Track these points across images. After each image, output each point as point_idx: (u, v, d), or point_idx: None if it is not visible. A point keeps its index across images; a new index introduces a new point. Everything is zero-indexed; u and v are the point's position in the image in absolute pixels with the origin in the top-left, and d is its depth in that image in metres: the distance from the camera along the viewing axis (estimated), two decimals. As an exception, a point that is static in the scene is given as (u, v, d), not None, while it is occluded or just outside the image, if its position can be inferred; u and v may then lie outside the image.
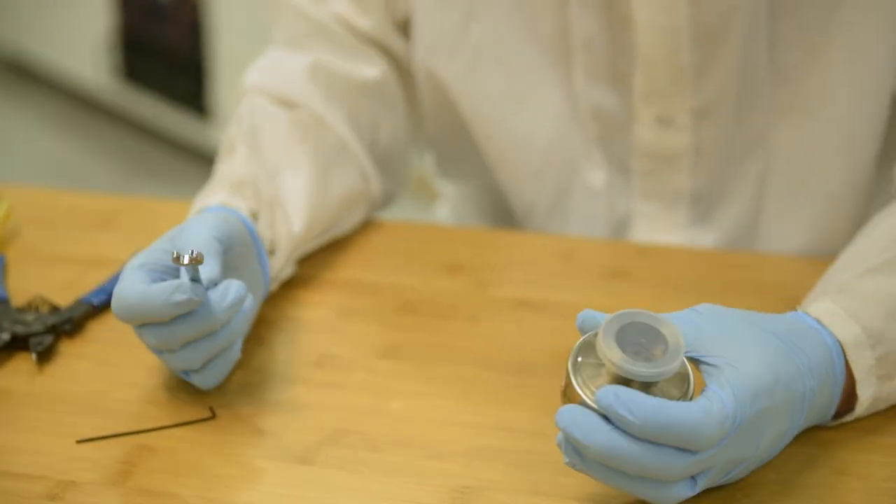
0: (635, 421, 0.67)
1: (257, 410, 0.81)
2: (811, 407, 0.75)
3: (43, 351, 0.87)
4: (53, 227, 1.06)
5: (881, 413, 0.80)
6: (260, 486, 0.75)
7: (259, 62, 1.07)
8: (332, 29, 1.05)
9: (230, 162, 0.96)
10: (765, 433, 0.71)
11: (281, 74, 1.04)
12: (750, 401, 0.70)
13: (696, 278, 0.98)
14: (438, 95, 1.06)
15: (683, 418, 0.67)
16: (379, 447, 0.78)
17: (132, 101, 3.28)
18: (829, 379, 0.75)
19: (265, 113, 1.01)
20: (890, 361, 0.78)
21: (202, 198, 0.91)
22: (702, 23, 0.96)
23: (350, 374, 0.86)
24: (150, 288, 0.78)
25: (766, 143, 1.01)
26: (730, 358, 0.71)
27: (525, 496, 0.74)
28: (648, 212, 1.05)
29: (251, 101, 1.03)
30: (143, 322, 0.79)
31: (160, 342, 0.79)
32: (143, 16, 3.16)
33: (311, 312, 0.93)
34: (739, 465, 0.72)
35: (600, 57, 1.00)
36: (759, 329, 0.74)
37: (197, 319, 0.78)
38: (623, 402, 0.67)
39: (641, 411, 0.67)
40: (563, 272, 1.00)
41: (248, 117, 1.01)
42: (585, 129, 1.04)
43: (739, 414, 0.69)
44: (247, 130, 0.99)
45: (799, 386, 0.73)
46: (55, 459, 0.77)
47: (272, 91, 1.03)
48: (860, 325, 0.77)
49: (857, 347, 0.77)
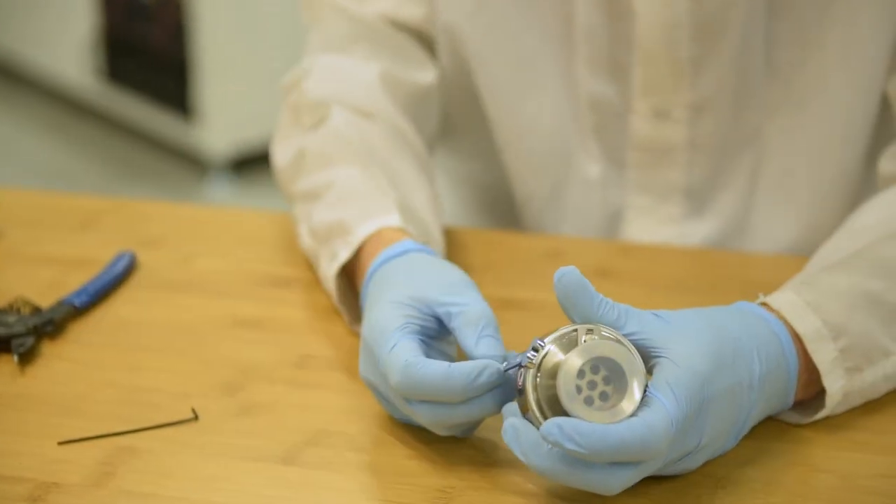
0: (583, 451, 0.67)
1: (239, 411, 0.81)
2: (766, 394, 0.75)
3: (24, 352, 0.86)
4: (36, 228, 1.05)
5: (859, 410, 0.81)
6: (242, 487, 0.75)
7: (317, 71, 1.02)
8: (379, 29, 1.03)
9: (368, 180, 0.91)
10: (707, 423, 0.72)
11: (355, 84, 1.01)
12: (689, 399, 0.70)
13: (683, 277, 0.99)
14: (458, 61, 1.04)
15: (628, 438, 0.67)
16: (361, 447, 0.78)
17: (116, 101, 3.27)
18: (781, 363, 0.76)
19: (365, 127, 0.97)
20: (857, 353, 0.78)
21: (363, 218, 0.86)
22: (701, 18, 0.97)
23: (332, 374, 0.86)
24: (453, 369, 0.72)
25: (759, 137, 1.02)
26: (672, 353, 0.71)
27: (507, 496, 0.74)
28: (642, 204, 1.05)
29: (344, 115, 0.98)
30: (429, 399, 0.74)
31: (437, 420, 0.74)
32: (127, 16, 3.16)
33: (293, 313, 0.93)
34: (684, 456, 0.72)
35: (601, 48, 1.01)
36: (707, 321, 0.74)
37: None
38: (567, 435, 0.67)
39: (587, 441, 0.67)
40: (549, 271, 1.00)
41: (355, 132, 0.96)
42: (583, 120, 1.04)
43: (681, 415, 0.69)
44: (364, 147, 0.95)
45: (744, 373, 0.73)
46: (37, 461, 0.77)
47: (352, 103, 0.99)
48: (821, 317, 0.78)
49: (818, 340, 0.77)
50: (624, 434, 0.67)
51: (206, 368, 0.86)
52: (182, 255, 1.01)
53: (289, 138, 1.01)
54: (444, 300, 0.77)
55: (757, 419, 0.77)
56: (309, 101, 1.00)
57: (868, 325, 0.79)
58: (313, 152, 0.96)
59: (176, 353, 0.88)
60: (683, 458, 0.73)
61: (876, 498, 0.74)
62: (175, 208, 1.15)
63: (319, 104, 0.99)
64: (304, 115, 1.00)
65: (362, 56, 1.03)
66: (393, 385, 0.74)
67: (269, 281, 0.97)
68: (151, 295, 0.96)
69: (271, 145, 1.05)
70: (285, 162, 1.00)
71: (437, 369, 0.72)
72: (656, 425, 0.68)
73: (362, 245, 0.87)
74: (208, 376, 0.85)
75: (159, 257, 1.01)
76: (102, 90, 3.28)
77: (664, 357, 0.71)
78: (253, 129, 3.06)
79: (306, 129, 0.99)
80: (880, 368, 0.80)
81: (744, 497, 0.74)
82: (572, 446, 0.67)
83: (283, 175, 1.01)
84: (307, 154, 0.97)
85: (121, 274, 0.97)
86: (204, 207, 1.83)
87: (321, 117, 0.98)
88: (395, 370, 0.73)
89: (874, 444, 0.78)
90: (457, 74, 1.06)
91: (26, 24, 3.46)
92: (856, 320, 0.79)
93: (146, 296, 0.95)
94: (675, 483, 0.74)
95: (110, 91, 3.26)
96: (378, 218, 0.87)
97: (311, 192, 0.95)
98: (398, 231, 0.87)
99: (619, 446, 0.67)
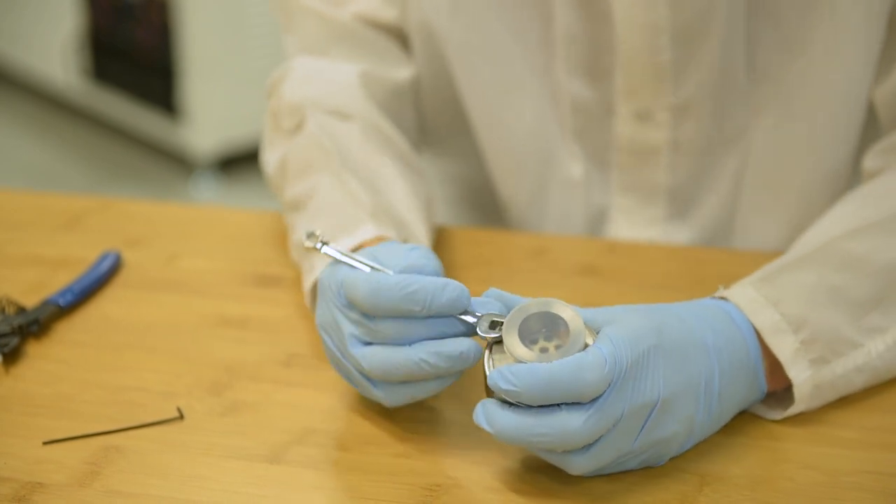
0: (515, 389, 0.70)
1: (225, 410, 0.81)
2: (726, 364, 0.76)
3: (9, 352, 0.86)
4: (21, 228, 1.05)
5: (842, 408, 0.81)
6: (228, 486, 0.75)
7: (294, 74, 1.03)
8: (356, 30, 1.03)
9: (341, 189, 0.91)
10: (660, 373, 0.73)
11: (333, 87, 1.01)
12: (629, 343, 0.72)
13: (667, 275, 0.99)
14: (438, 61, 1.04)
15: (557, 371, 0.70)
16: (348, 446, 0.78)
17: (101, 101, 3.27)
18: (736, 338, 0.77)
19: (341, 131, 0.97)
20: (820, 345, 0.79)
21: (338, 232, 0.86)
22: (681, 21, 0.97)
23: (318, 373, 0.85)
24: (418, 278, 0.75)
25: (743, 139, 1.02)
26: (616, 319, 0.74)
27: (494, 493, 0.74)
28: (625, 206, 1.06)
29: (318, 119, 0.98)
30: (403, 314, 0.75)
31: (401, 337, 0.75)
32: (112, 16, 3.15)
33: (280, 312, 0.93)
34: (649, 411, 0.73)
35: (581, 51, 1.01)
36: (652, 306, 0.77)
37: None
38: (504, 376, 0.71)
39: (519, 379, 0.70)
40: (534, 269, 1.00)
41: (328, 138, 0.96)
42: (564, 122, 1.04)
43: (619, 355, 0.71)
44: (337, 153, 0.94)
45: (694, 336, 0.75)
46: (22, 461, 0.76)
47: (329, 106, 0.99)
48: (779, 311, 0.79)
49: (777, 333, 0.78)
50: (553, 368, 0.70)
51: (191, 367, 0.86)
52: (168, 255, 1.01)
53: (273, 144, 1.02)
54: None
55: (731, 400, 0.77)
56: (286, 104, 1.00)
57: (831, 317, 0.80)
58: (292, 160, 0.97)
59: (161, 353, 0.88)
60: (648, 415, 0.73)
61: (860, 493, 0.74)
62: (160, 207, 1.15)
63: (297, 108, 0.99)
64: (283, 119, 1.00)
65: (340, 57, 1.03)
66: (360, 299, 0.75)
67: (255, 280, 0.97)
68: (137, 294, 0.95)
69: (260, 152, 1.05)
70: (272, 170, 1.01)
71: (401, 277, 0.75)
72: (587, 360, 0.71)
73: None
74: (194, 375, 0.85)
75: (145, 256, 1.00)
76: (88, 90, 3.28)
77: (607, 325, 0.74)
78: (238, 129, 3.06)
79: (287, 135, 1.00)
80: (850, 360, 0.80)
81: (729, 494, 0.74)
82: (508, 386, 0.70)
83: (273, 183, 1.01)
84: (288, 162, 0.97)
85: (106, 273, 0.96)
86: (189, 207, 1.82)
87: (299, 122, 0.99)
88: (361, 283, 0.75)
89: (858, 441, 0.79)
90: (437, 75, 1.06)
91: (11, 24, 3.45)
92: (817, 313, 0.80)
93: (131, 295, 0.95)
94: (661, 480, 0.75)
95: (96, 91, 3.26)
96: (351, 233, 0.86)
97: (294, 202, 0.95)
98: (374, 239, 0.86)
99: (549, 379, 0.70)
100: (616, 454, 0.73)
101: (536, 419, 0.71)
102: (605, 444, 0.72)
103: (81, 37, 3.23)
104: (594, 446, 0.72)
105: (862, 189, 0.94)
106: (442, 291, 0.74)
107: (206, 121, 3.04)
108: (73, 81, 3.29)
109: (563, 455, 0.72)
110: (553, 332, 0.73)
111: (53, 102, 3.47)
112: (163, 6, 3.01)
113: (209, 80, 3.02)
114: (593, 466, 0.73)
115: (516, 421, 0.71)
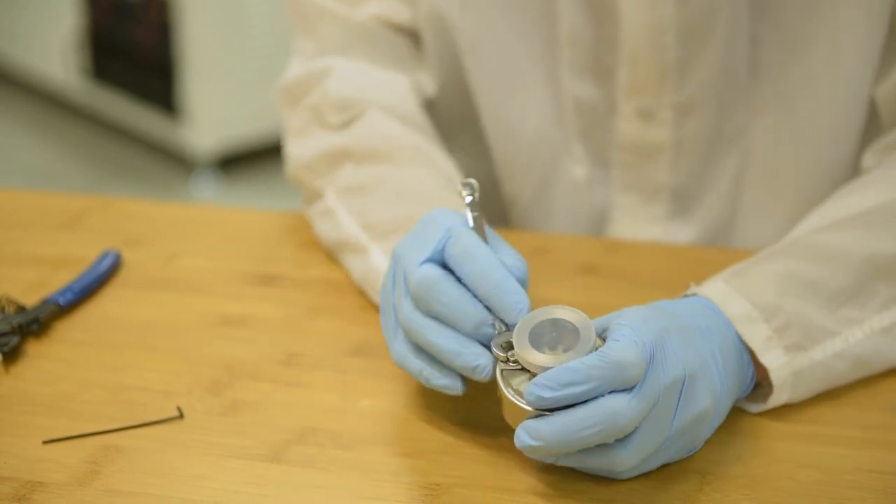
0: (561, 390, 0.69)
1: (225, 409, 0.81)
2: (720, 347, 0.76)
3: (9, 351, 0.86)
4: (20, 228, 1.05)
5: (841, 407, 0.81)
6: (228, 485, 0.75)
7: (338, 73, 1.02)
8: (374, 31, 1.03)
9: (433, 177, 0.94)
10: (677, 349, 0.73)
11: (388, 91, 1.02)
12: (644, 326, 0.72)
13: (667, 274, 0.99)
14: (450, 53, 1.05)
15: (595, 361, 0.70)
16: (347, 445, 0.78)
17: (101, 100, 3.27)
18: (719, 323, 0.78)
19: (402, 129, 0.99)
20: (795, 332, 0.79)
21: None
22: (687, 19, 0.97)
23: (318, 372, 0.86)
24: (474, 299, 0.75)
25: (744, 138, 1.02)
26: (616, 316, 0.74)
27: (494, 493, 0.74)
28: (627, 205, 1.06)
29: (381, 116, 0.99)
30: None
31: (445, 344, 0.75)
32: (112, 15, 3.15)
33: (279, 311, 0.93)
34: (681, 387, 0.73)
35: (585, 49, 1.01)
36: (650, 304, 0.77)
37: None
38: (542, 385, 0.70)
39: (558, 380, 0.70)
40: (534, 268, 1.00)
41: (396, 130, 0.98)
42: (568, 122, 1.05)
43: (644, 337, 0.71)
44: (415, 147, 0.97)
45: (689, 320, 0.76)
46: (21, 460, 0.76)
47: (384, 104, 1.00)
48: (750, 301, 0.79)
49: (748, 322, 0.79)
50: (588, 361, 0.70)
51: (191, 367, 0.86)
52: (167, 254, 1.01)
53: (309, 137, 1.02)
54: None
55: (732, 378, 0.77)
56: (334, 100, 1.01)
57: (804, 307, 0.80)
58: (353, 148, 0.98)
59: (161, 352, 0.88)
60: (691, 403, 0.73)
61: (860, 492, 0.74)
62: (160, 207, 1.15)
63: (349, 104, 1.00)
64: (328, 114, 1.01)
65: (362, 58, 1.03)
66: (414, 283, 0.75)
67: (254, 279, 0.97)
68: (137, 293, 0.95)
69: (284, 145, 1.05)
70: (308, 158, 1.01)
71: (461, 289, 0.74)
72: (618, 345, 0.70)
73: None
74: (194, 375, 0.85)
75: (144, 256, 1.00)
76: (88, 89, 3.28)
77: (611, 322, 0.74)
78: (238, 128, 3.06)
79: (335, 128, 1.00)
80: (829, 347, 0.81)
81: (729, 493, 0.74)
82: (551, 393, 0.70)
83: (308, 171, 1.01)
84: (348, 150, 0.98)
85: (106, 272, 0.96)
86: (189, 206, 1.82)
87: (352, 116, 1.00)
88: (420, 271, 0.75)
89: (858, 440, 0.79)
90: (449, 70, 1.06)
91: (11, 23, 3.45)
92: (790, 302, 0.80)
93: (131, 294, 0.95)
94: (661, 479, 0.75)
95: (96, 90, 3.26)
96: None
97: (357, 186, 0.96)
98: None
99: (588, 372, 0.69)
100: (658, 438, 0.72)
101: (582, 413, 0.70)
102: (646, 430, 0.72)
103: (81, 36, 3.23)
104: (636, 435, 0.71)
105: (844, 186, 0.94)
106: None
107: (205, 120, 3.04)
108: (73, 81, 3.29)
109: (608, 454, 0.71)
110: (560, 337, 0.73)
111: (53, 102, 3.47)
112: (163, 5, 3.01)
113: (209, 79, 3.02)
114: (638, 457, 0.72)
115: (562, 423, 0.70)
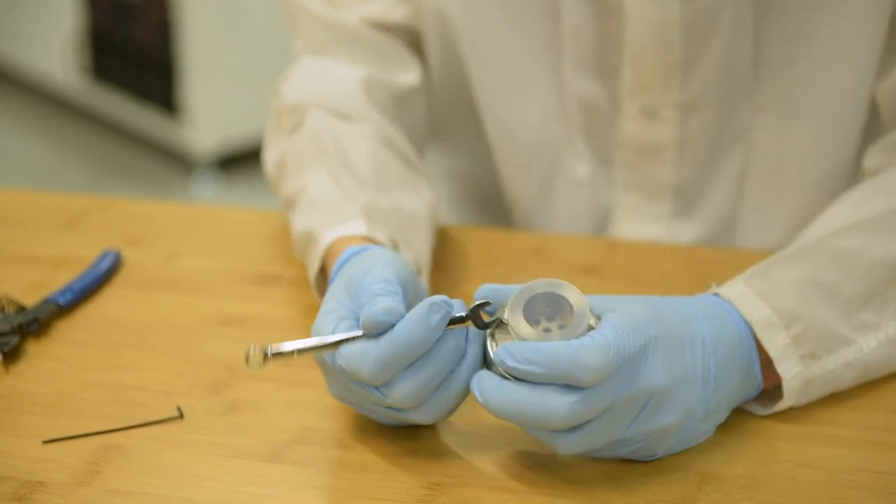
0: (521, 365, 0.71)
1: (225, 409, 0.81)
2: (722, 357, 0.76)
3: (9, 351, 0.86)
4: (21, 227, 1.05)
5: (841, 407, 0.81)
6: (228, 485, 0.75)
7: (296, 75, 1.03)
8: (359, 34, 1.03)
9: (337, 185, 0.91)
10: (659, 363, 0.73)
11: (335, 88, 1.01)
12: (630, 331, 0.72)
13: (667, 273, 0.99)
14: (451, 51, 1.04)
15: (561, 351, 0.71)
16: (347, 445, 0.78)
17: (101, 100, 3.27)
18: (731, 329, 0.77)
19: (341, 131, 0.97)
20: (811, 340, 0.79)
21: (328, 225, 0.87)
22: (692, 18, 0.97)
23: (317, 372, 0.85)
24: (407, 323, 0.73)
25: (747, 136, 1.03)
26: (616, 308, 0.74)
27: (494, 492, 0.74)
28: (631, 203, 1.06)
29: (318, 118, 0.98)
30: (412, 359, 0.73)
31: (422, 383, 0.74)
32: (112, 15, 3.15)
33: (278, 311, 0.93)
34: (645, 401, 0.73)
35: (588, 48, 1.01)
36: (655, 297, 0.77)
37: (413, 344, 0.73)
38: (510, 352, 0.72)
39: (524, 355, 0.71)
40: (534, 268, 1.00)
41: (327, 136, 0.96)
42: (571, 120, 1.04)
43: (622, 343, 0.71)
44: (334, 149, 0.95)
45: (691, 329, 0.75)
46: (22, 460, 0.76)
47: (330, 106, 0.99)
48: (770, 305, 0.79)
49: (769, 327, 0.79)
50: (557, 349, 0.71)
51: (191, 367, 0.86)
52: (167, 254, 1.01)
53: (273, 144, 1.02)
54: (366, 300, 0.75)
55: (726, 392, 0.77)
56: (287, 104, 1.01)
57: (823, 313, 0.80)
58: (290, 157, 0.97)
59: (161, 352, 0.88)
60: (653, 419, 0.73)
61: (860, 492, 0.74)
62: (160, 206, 1.15)
63: (297, 107, 1.00)
64: (283, 119, 1.01)
65: (343, 60, 1.03)
66: (367, 375, 0.73)
67: (254, 279, 0.97)
68: (136, 293, 0.95)
69: (261, 152, 1.05)
70: (271, 169, 1.01)
71: (398, 332, 0.72)
72: (592, 344, 0.71)
73: (327, 253, 0.87)
74: (194, 374, 0.85)
75: (144, 255, 1.00)
76: (88, 89, 3.28)
77: (608, 312, 0.74)
78: (239, 127, 3.06)
79: (287, 134, 1.00)
80: (841, 356, 0.80)
81: (730, 493, 0.74)
82: (513, 363, 0.71)
83: (271, 181, 1.02)
84: (285, 159, 0.98)
85: (106, 272, 0.96)
86: (189, 205, 1.83)
87: (298, 121, 0.99)
88: (368, 359, 0.73)
89: (858, 440, 0.79)
90: (451, 67, 1.06)
91: (11, 23, 3.45)
92: (809, 308, 0.80)
93: (131, 294, 0.95)
94: (662, 479, 0.75)
95: (96, 90, 3.26)
96: (341, 225, 0.87)
97: (290, 198, 0.96)
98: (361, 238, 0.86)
99: (551, 359, 0.70)
100: (605, 440, 0.73)
101: (525, 394, 0.71)
102: (594, 429, 0.72)
103: (81, 36, 3.23)
104: (582, 429, 0.72)
105: (857, 188, 0.94)
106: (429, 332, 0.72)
107: (206, 120, 3.04)
108: (73, 80, 3.29)
109: (549, 433, 0.72)
110: (557, 312, 0.74)
111: (53, 101, 3.47)
112: (163, 5, 3.01)
113: (209, 79, 3.02)
114: (580, 449, 0.73)
115: (505, 394, 0.72)
